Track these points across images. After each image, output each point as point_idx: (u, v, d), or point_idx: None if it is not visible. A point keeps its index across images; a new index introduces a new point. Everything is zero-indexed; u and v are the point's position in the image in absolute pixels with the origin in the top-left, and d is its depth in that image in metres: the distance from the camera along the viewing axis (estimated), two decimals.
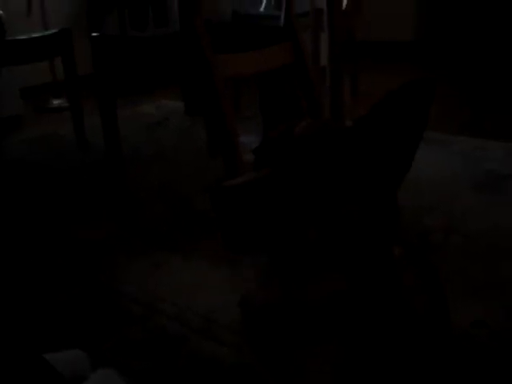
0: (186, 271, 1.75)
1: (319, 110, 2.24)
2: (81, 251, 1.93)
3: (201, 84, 2.04)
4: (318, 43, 3.16)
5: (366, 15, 3.70)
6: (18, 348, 1.12)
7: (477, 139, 2.76)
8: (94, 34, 2.38)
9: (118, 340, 1.44)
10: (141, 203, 2.29)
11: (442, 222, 1.95)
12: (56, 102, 4.06)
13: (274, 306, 0.79)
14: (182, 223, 2.06)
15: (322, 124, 0.77)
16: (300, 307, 0.76)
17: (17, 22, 3.64)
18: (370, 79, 3.91)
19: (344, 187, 0.71)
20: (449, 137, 2.82)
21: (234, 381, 1.26)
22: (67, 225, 2.15)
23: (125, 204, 2.34)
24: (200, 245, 1.87)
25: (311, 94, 2.18)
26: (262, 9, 3.47)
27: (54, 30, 3.01)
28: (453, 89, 3.77)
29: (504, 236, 1.83)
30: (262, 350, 0.83)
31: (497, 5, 4.40)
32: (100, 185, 2.53)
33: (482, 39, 4.36)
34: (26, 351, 1.13)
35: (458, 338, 1.25)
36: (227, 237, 0.71)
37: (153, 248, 1.92)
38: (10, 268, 1.85)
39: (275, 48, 2.16)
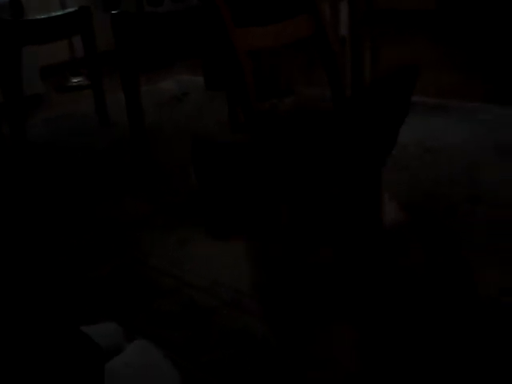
0: (211, 245, 1.77)
1: (341, 82, 2.23)
2: (109, 228, 1.96)
3: (222, 58, 2.04)
4: (337, 13, 3.13)
5: None
6: (56, 321, 1.15)
7: (501, 107, 2.73)
8: (114, 12, 2.39)
9: (151, 312, 1.47)
10: (165, 179, 2.31)
11: (468, 191, 1.94)
12: (75, 80, 4.08)
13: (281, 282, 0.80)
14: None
15: (307, 102, 0.78)
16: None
17: (34, 2, 3.65)
18: (391, 48, 3.88)
19: (324, 163, 0.72)
20: (473, 105, 2.79)
21: (266, 351, 1.28)
22: (94, 202, 2.18)
23: (150, 180, 2.36)
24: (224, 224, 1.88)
25: (333, 65, 2.17)
26: None
27: (73, 9, 3.02)
28: (475, 58, 3.73)
29: None
30: (282, 331, 0.85)
31: None
32: (125, 161, 2.56)
33: (507, 7, 4.28)
34: (64, 324, 1.16)
35: (487, 305, 1.26)
36: (210, 217, 0.72)
37: (178, 223, 1.94)
38: (41, 247, 1.89)
39: (295, 20, 2.14)
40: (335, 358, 0.80)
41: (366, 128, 0.74)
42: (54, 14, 3.00)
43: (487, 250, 1.56)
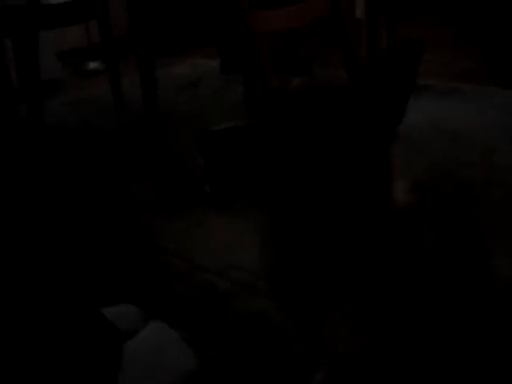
0: (224, 228, 1.78)
1: (356, 63, 2.22)
2: (122, 210, 1.97)
3: (238, 41, 2.03)
4: None
5: None
6: (75, 303, 1.16)
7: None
8: None
9: (166, 295, 1.49)
10: (178, 162, 2.32)
11: (483, 174, 1.93)
12: (92, 64, 4.09)
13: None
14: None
15: (315, 81, 0.78)
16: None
17: None
18: (407, 31, 3.84)
19: (334, 143, 0.72)
20: (488, 89, 2.77)
21: (280, 332, 1.29)
22: (107, 185, 2.20)
23: (163, 163, 2.37)
24: (234, 203, 1.86)
25: (349, 47, 2.16)
26: None
27: None
28: (491, 41, 3.69)
29: None
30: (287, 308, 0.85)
31: None
32: (140, 145, 2.57)
33: None
34: (82, 306, 1.17)
35: (502, 288, 1.26)
36: (212, 182, 0.73)
37: (190, 206, 1.95)
38: (54, 229, 1.91)
39: (311, 2, 2.13)
40: (336, 338, 0.81)
41: (375, 100, 0.75)
42: None
43: (501, 231, 1.56)
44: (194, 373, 1.17)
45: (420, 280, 0.79)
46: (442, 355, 0.89)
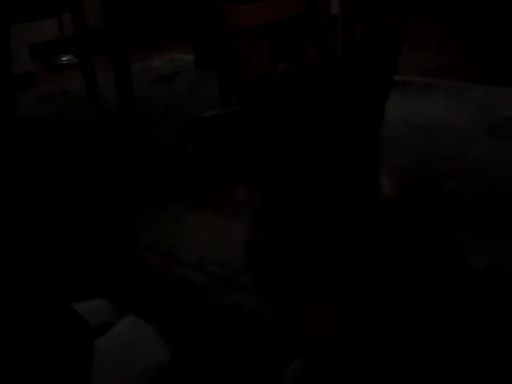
0: (203, 224, 1.77)
1: (331, 59, 2.23)
2: (98, 206, 1.96)
3: (213, 35, 2.02)
4: None
5: None
6: (46, 297, 1.15)
7: (489, 86, 2.74)
8: None
9: (141, 290, 1.48)
10: (157, 158, 2.31)
11: (457, 168, 1.95)
12: (65, 58, 4.04)
13: (269, 244, 0.80)
14: (197, 178, 2.07)
15: (303, 66, 0.78)
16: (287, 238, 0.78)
17: None
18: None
19: (322, 127, 0.73)
20: (462, 84, 2.79)
21: (256, 326, 1.29)
22: (83, 181, 2.18)
23: (140, 159, 2.35)
24: (214, 198, 1.87)
25: (324, 42, 2.16)
26: None
27: None
28: (464, 36, 3.73)
29: None
30: (267, 292, 0.85)
31: None
32: (115, 140, 2.54)
33: None
34: (53, 301, 1.16)
35: (475, 281, 1.28)
36: (203, 164, 0.73)
37: (168, 202, 1.94)
38: (29, 225, 1.88)
39: None
40: (319, 321, 0.81)
41: (362, 79, 0.75)
42: None
43: (474, 226, 1.58)
44: (167, 366, 1.16)
45: (400, 273, 0.80)
46: (421, 348, 0.90)
